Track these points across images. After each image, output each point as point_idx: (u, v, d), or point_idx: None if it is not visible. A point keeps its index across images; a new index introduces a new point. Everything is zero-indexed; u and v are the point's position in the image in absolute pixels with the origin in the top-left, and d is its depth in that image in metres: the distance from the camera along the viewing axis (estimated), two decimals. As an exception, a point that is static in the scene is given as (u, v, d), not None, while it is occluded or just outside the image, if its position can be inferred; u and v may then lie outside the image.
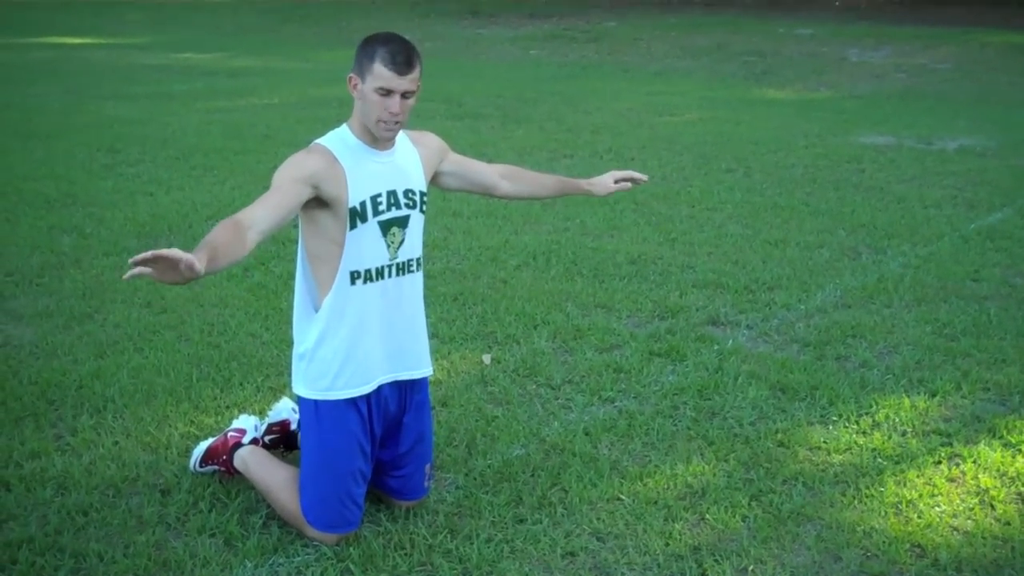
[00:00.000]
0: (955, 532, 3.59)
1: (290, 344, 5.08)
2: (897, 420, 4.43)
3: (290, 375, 3.53)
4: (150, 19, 29.41)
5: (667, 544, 3.46)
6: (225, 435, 3.82)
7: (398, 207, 3.38)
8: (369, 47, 3.23)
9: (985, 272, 6.53)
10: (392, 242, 3.38)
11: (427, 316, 5.54)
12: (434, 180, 3.67)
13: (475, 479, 3.88)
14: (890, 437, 4.28)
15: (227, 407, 4.40)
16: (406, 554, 3.39)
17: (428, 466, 3.66)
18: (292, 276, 6.12)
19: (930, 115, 13.64)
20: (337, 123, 3.41)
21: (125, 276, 2.76)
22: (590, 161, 10.05)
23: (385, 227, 3.35)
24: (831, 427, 4.37)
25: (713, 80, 17.52)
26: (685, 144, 11.04)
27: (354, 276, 3.32)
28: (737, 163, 10.01)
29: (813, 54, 20.53)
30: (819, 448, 4.19)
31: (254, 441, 3.82)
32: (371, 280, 3.35)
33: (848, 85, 17.01)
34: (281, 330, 5.33)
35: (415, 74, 3.24)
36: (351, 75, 3.27)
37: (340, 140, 3.34)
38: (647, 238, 7.25)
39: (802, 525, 3.62)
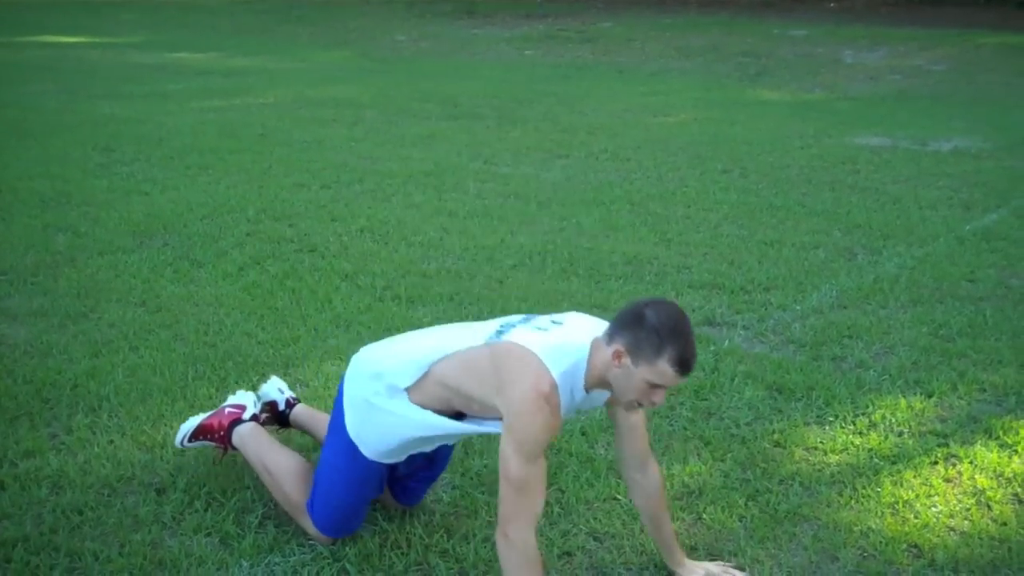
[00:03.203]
0: (952, 532, 3.59)
1: (287, 344, 5.11)
2: (893, 420, 4.43)
3: (342, 385, 3.39)
4: (145, 18, 29.35)
5: (660, 551, 3.45)
6: (221, 411, 3.80)
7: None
8: (661, 341, 2.86)
9: (981, 273, 6.53)
10: None
11: (423, 316, 5.56)
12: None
13: (471, 479, 3.88)
14: (886, 437, 4.28)
15: (223, 406, 4.39)
16: (403, 553, 3.38)
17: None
18: (287, 275, 6.15)
19: (925, 116, 13.65)
20: (333, 122, 3.39)
21: None
22: (586, 161, 10.05)
23: None
24: (827, 427, 4.37)
25: (708, 81, 17.52)
26: (680, 145, 11.04)
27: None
28: (732, 164, 10.01)
29: (808, 55, 20.54)
30: (816, 448, 4.19)
31: (254, 418, 3.80)
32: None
33: (843, 86, 17.01)
34: (277, 329, 5.32)
35: None
36: (619, 348, 2.91)
37: (572, 382, 2.99)
38: (643, 238, 7.24)
39: (799, 525, 3.62)
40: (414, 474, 3.55)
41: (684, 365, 2.88)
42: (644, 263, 6.63)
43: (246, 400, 3.90)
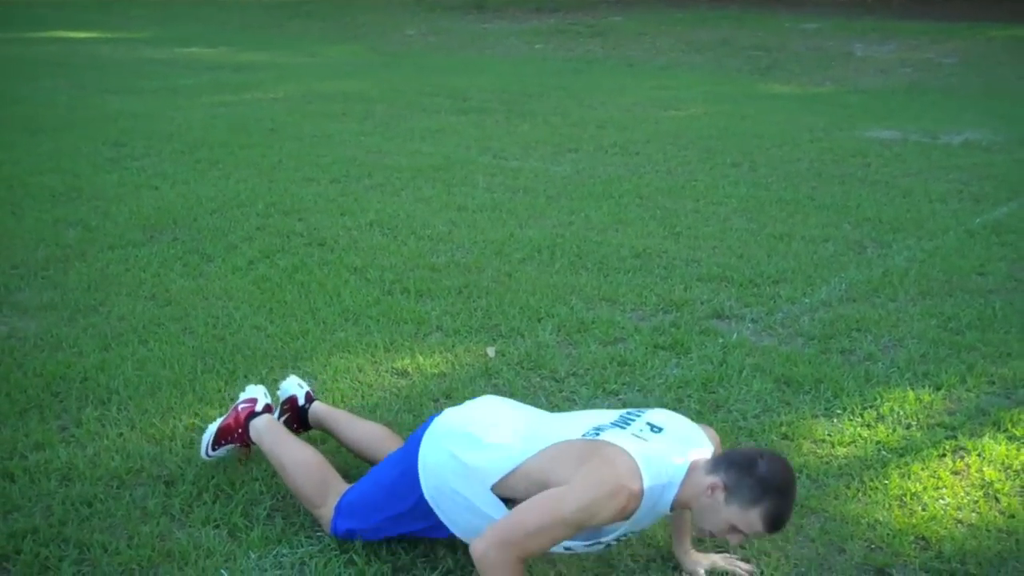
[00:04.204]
0: (959, 525, 3.59)
1: (296, 337, 5.12)
2: (902, 413, 4.43)
3: (420, 437, 3.30)
4: (155, 14, 29.40)
5: (671, 536, 3.45)
6: (235, 409, 3.81)
7: (625, 535, 3.09)
8: (762, 490, 2.84)
9: (991, 266, 6.52)
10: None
11: (431, 309, 5.57)
12: None
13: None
14: (895, 430, 4.27)
15: (231, 399, 4.38)
16: (410, 545, 3.38)
17: None
18: (297, 269, 6.16)
19: (936, 109, 13.61)
20: (343, 117, 3.38)
21: None
22: (595, 155, 10.04)
23: (605, 545, 3.10)
24: (836, 420, 4.37)
25: (718, 74, 17.49)
26: (690, 138, 11.02)
27: None
28: (742, 157, 9.99)
29: (818, 48, 20.49)
30: (823, 441, 4.19)
31: (267, 408, 3.81)
32: None
33: (853, 79, 16.97)
34: (286, 323, 5.33)
35: None
36: (718, 482, 2.87)
37: (659, 496, 2.93)
38: (652, 232, 7.24)
39: (806, 517, 3.62)
40: None
41: (775, 524, 2.86)
42: (653, 256, 6.63)
43: (256, 393, 3.91)
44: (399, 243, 6.83)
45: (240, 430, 3.75)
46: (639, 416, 3.13)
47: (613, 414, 3.17)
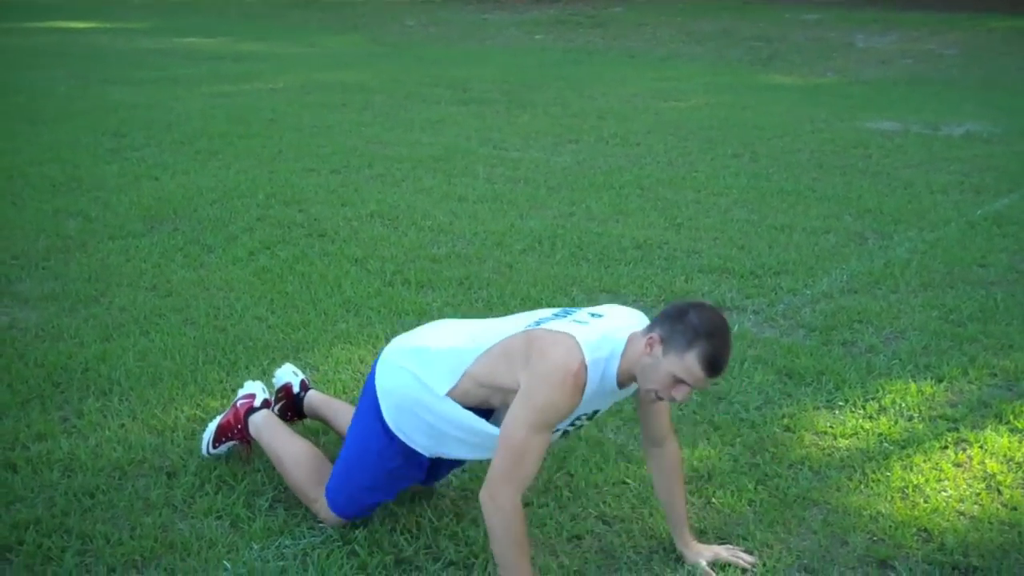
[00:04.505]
0: (961, 517, 3.59)
1: (297, 328, 5.12)
2: (903, 405, 4.43)
3: (373, 374, 3.38)
4: (154, 4, 29.35)
5: (671, 529, 3.45)
6: (234, 406, 3.81)
7: (589, 419, 3.26)
8: (697, 336, 2.88)
9: (992, 258, 6.51)
10: (553, 443, 3.24)
11: (432, 300, 5.57)
12: None
13: (482, 464, 3.87)
14: (896, 422, 4.27)
15: (233, 390, 4.38)
16: (412, 537, 3.39)
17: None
18: (297, 260, 6.15)
19: (937, 100, 13.60)
20: (343, 107, 3.37)
21: None
22: (596, 146, 10.03)
23: (563, 433, 3.23)
24: (837, 412, 4.37)
25: (719, 65, 17.47)
26: (691, 129, 11.01)
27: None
28: (743, 148, 9.98)
29: (819, 39, 20.46)
30: (825, 433, 4.19)
31: (265, 403, 3.81)
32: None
33: (855, 70, 16.95)
34: (287, 314, 5.33)
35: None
36: (653, 335, 2.94)
37: (603, 369, 3.00)
38: (653, 223, 7.23)
39: (808, 509, 3.62)
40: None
41: (713, 364, 2.89)
42: (654, 248, 6.62)
43: (254, 389, 3.91)
44: (400, 234, 6.82)
45: (239, 426, 3.75)
46: (580, 309, 3.24)
47: (556, 309, 3.28)
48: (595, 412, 3.21)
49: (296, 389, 3.99)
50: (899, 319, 5.45)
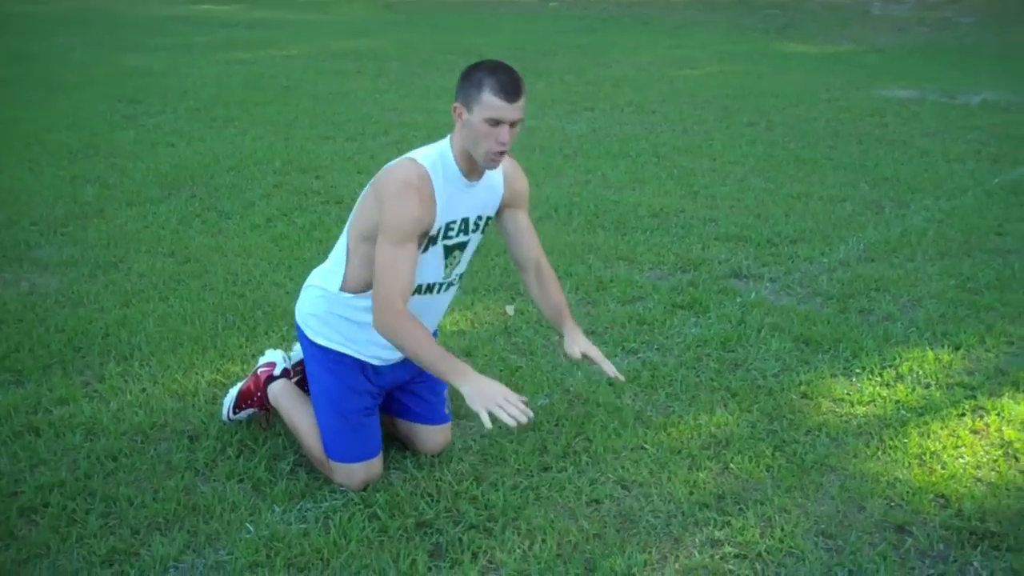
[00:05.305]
0: (979, 483, 3.60)
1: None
2: (921, 373, 4.44)
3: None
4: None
5: (691, 492, 3.48)
6: (255, 373, 3.84)
7: (465, 233, 3.40)
8: (476, 76, 3.15)
9: (1009, 226, 6.50)
10: (450, 263, 3.41)
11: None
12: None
13: (500, 428, 3.90)
14: (914, 389, 4.28)
15: (253, 355, 4.42)
16: (432, 500, 3.41)
17: (446, 391, 3.72)
18: (315, 226, 6.17)
19: (953, 69, 13.52)
20: (358, 74, 3.39)
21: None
22: (611, 114, 10.01)
23: (448, 251, 3.37)
24: (854, 379, 4.38)
25: (734, 33, 17.38)
26: (706, 97, 10.98)
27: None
28: (759, 117, 9.96)
29: (835, 7, 20.33)
30: (843, 400, 4.20)
31: (285, 372, 3.84)
32: (418, 293, 3.38)
33: (871, 38, 16.85)
34: (304, 280, 5.33)
35: (523, 101, 3.19)
36: (456, 104, 3.19)
37: (441, 166, 3.26)
38: (669, 191, 7.23)
39: (826, 475, 3.63)
40: (412, 379, 3.63)
41: (503, 87, 3.11)
42: (670, 216, 6.62)
43: (275, 357, 3.93)
44: (416, 201, 6.82)
45: (259, 394, 3.78)
46: None
47: None
48: (477, 220, 3.41)
49: None
50: (916, 287, 5.45)
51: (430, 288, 3.42)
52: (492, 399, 3.02)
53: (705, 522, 3.33)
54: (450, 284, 3.51)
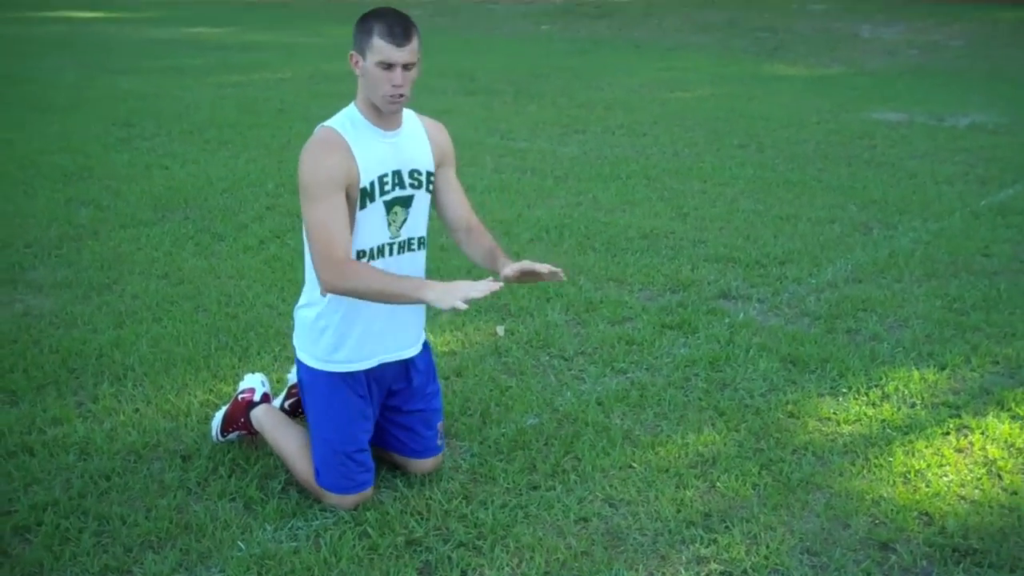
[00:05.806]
0: (962, 501, 3.64)
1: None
2: (906, 392, 4.48)
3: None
4: (162, -7, 29.39)
5: (678, 511, 3.52)
6: (236, 398, 3.88)
7: (402, 187, 3.43)
8: (366, 23, 3.25)
9: (995, 248, 6.56)
10: (393, 221, 3.43)
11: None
12: None
13: (490, 447, 3.94)
14: (899, 409, 4.33)
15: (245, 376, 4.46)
16: (422, 518, 3.45)
17: (440, 424, 3.73)
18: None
19: (942, 91, 13.62)
20: (352, 98, 3.43)
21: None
22: (602, 136, 10.08)
23: (388, 206, 3.40)
24: (841, 399, 4.42)
25: (725, 56, 17.49)
26: (697, 120, 11.06)
27: (358, 255, 3.36)
28: (749, 139, 10.03)
29: (825, 30, 20.47)
30: (829, 419, 4.24)
31: (265, 397, 3.87)
32: (372, 258, 3.40)
33: (860, 61, 16.97)
34: (297, 301, 5.38)
35: (414, 45, 3.26)
36: (352, 53, 3.30)
37: (349, 121, 3.36)
38: (659, 213, 7.29)
39: (811, 493, 3.67)
40: (399, 406, 3.65)
41: (390, 31, 3.20)
42: (660, 237, 6.68)
43: (254, 382, 3.97)
44: (408, 223, 6.86)
45: (243, 419, 3.81)
46: None
47: None
48: (413, 173, 3.45)
49: None
50: (903, 308, 5.50)
51: (380, 251, 3.42)
52: (458, 291, 3.09)
53: (692, 540, 3.37)
54: (405, 246, 3.49)
